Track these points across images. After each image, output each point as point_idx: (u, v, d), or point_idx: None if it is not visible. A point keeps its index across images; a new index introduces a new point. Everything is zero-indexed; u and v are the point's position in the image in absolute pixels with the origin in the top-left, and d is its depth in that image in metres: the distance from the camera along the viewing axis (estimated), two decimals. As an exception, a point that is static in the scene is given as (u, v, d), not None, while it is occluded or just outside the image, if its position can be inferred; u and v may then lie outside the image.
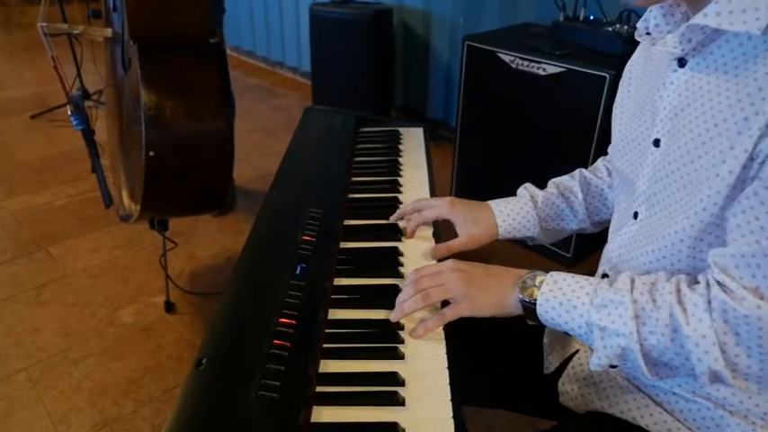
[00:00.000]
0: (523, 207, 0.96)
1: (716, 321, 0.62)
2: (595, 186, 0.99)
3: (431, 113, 3.25)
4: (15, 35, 6.09)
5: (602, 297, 0.69)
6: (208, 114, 1.54)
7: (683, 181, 0.68)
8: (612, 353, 0.67)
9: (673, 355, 0.65)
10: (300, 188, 1.08)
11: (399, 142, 1.31)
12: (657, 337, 0.65)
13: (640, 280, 0.69)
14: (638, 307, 0.66)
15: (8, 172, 2.93)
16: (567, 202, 0.98)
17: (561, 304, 0.71)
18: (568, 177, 1.01)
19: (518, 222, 0.95)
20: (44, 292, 2.06)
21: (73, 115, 1.66)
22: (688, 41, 0.66)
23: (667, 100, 0.71)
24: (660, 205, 0.72)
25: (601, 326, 0.68)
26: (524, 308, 0.74)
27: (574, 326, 0.71)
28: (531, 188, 0.99)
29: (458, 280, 0.77)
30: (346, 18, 2.99)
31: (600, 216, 1.00)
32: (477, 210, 0.96)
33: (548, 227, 0.98)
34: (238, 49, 4.64)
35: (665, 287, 0.67)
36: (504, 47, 2.07)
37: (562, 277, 0.73)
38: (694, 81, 0.68)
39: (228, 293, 0.78)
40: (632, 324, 0.65)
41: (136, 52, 1.44)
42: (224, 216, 2.51)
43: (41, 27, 1.58)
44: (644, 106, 0.78)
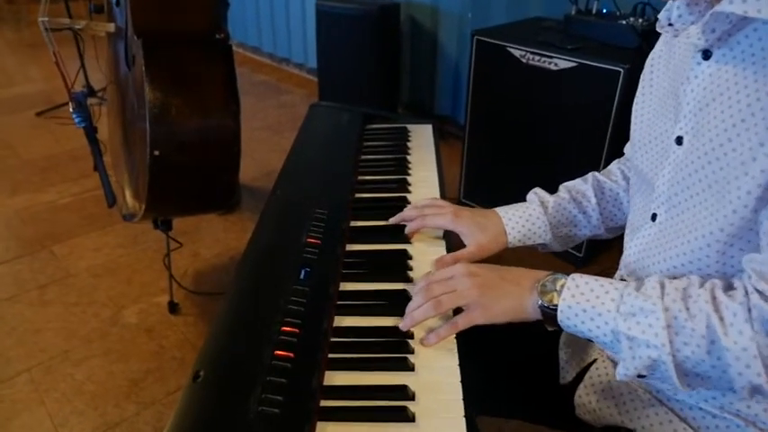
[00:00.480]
0: (533, 213, 0.91)
1: (758, 333, 0.57)
2: (609, 190, 0.94)
3: (438, 110, 3.20)
4: (23, 32, 6.09)
5: (631, 304, 0.64)
6: (214, 112, 1.50)
7: (707, 181, 0.64)
8: (642, 364, 0.63)
9: (708, 368, 0.60)
10: (305, 188, 1.04)
11: (408, 139, 1.27)
12: (692, 349, 0.60)
13: (671, 285, 0.64)
14: (671, 316, 0.61)
15: (12, 170, 2.90)
16: (579, 208, 0.93)
17: (585, 311, 0.66)
18: (581, 181, 0.96)
19: (528, 229, 0.91)
20: (47, 291, 2.03)
21: (75, 112, 1.63)
22: (712, 31, 0.62)
23: (691, 95, 0.67)
24: (682, 206, 0.68)
25: (629, 335, 0.63)
26: (544, 314, 0.70)
27: (598, 334, 0.66)
28: (541, 193, 0.94)
29: (471, 286, 0.72)
30: (353, 13, 2.94)
31: (615, 221, 0.95)
32: (483, 218, 0.91)
33: (560, 233, 0.93)
34: (244, 45, 4.60)
35: (699, 294, 0.62)
36: (515, 41, 2.02)
37: (584, 281, 0.68)
38: (720, 74, 0.63)
39: (228, 300, 0.74)
40: (664, 335, 0.61)
41: (140, 48, 1.41)
42: (228, 215, 2.48)
43: (42, 22, 1.55)
44: (666, 102, 0.73)
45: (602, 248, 2.15)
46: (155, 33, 1.45)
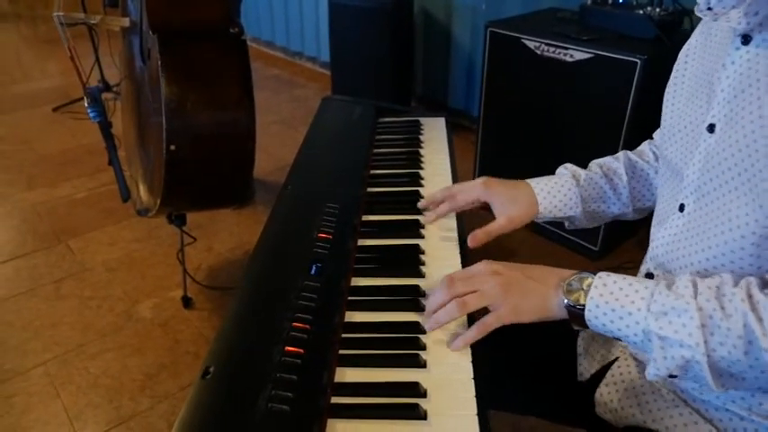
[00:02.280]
0: (565, 184, 0.90)
1: None
2: (641, 170, 0.93)
3: (452, 103, 3.18)
4: (39, 27, 6.15)
5: (662, 303, 0.62)
6: (229, 106, 1.50)
7: (738, 169, 0.62)
8: (674, 364, 0.61)
9: (745, 368, 0.58)
10: (316, 182, 1.03)
11: (420, 133, 1.25)
12: (728, 349, 0.58)
13: (704, 284, 0.62)
14: (705, 315, 0.59)
15: (29, 164, 2.93)
16: (611, 184, 0.92)
17: (614, 310, 0.64)
18: (612, 159, 0.94)
19: (559, 200, 0.89)
20: (63, 285, 2.05)
21: (90, 107, 1.64)
22: (755, 14, 0.60)
23: (726, 81, 0.65)
24: (711, 196, 0.66)
25: (661, 335, 0.61)
26: (570, 313, 0.68)
27: (628, 333, 0.64)
28: (572, 167, 0.93)
29: (496, 285, 0.70)
30: (366, 6, 2.92)
31: (643, 202, 0.93)
32: (514, 188, 0.90)
33: (589, 208, 0.92)
34: (258, 40, 4.60)
35: (734, 293, 0.59)
36: (529, 33, 1.99)
37: (612, 279, 0.66)
38: (759, 59, 0.61)
39: (239, 296, 0.73)
40: (699, 334, 0.58)
41: (156, 43, 1.41)
42: (242, 209, 2.48)
43: (57, 17, 1.55)
44: (699, 90, 0.71)
45: (618, 242, 2.13)
46: (170, 28, 1.45)
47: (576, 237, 2.10)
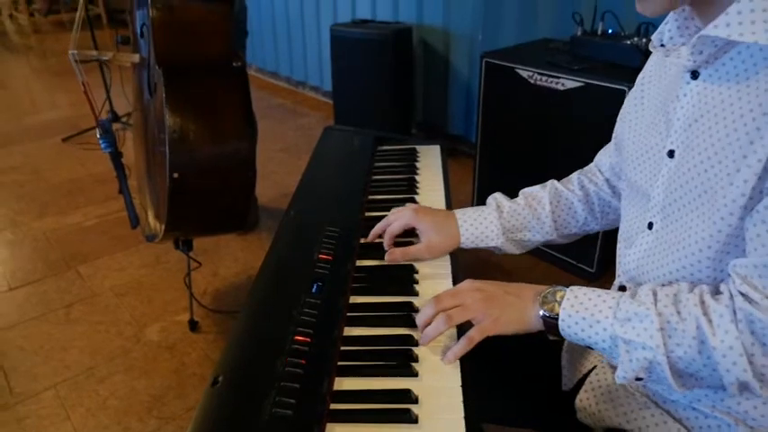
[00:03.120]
0: (487, 217, 0.97)
1: (743, 332, 0.61)
2: (565, 199, 0.99)
3: (451, 129, 3.26)
4: (48, 60, 6.30)
5: (626, 310, 0.68)
6: (230, 136, 1.57)
7: (697, 191, 0.68)
8: (639, 366, 0.67)
9: (700, 367, 0.64)
10: (318, 207, 1.10)
11: (416, 160, 1.32)
12: (684, 349, 0.64)
13: (663, 292, 0.68)
14: (664, 320, 0.66)
15: (40, 193, 3.01)
16: (533, 214, 0.98)
17: (584, 319, 0.71)
18: (539, 188, 1.01)
19: (481, 232, 0.96)
20: (73, 310, 2.11)
21: (101, 138, 1.71)
22: (700, 53, 0.67)
23: (681, 111, 0.72)
24: (676, 215, 0.72)
25: (626, 339, 0.67)
26: (546, 323, 0.74)
27: (598, 340, 0.70)
28: (500, 198, 1.00)
29: (478, 300, 0.77)
30: (366, 38, 3.03)
31: (568, 229, 1.00)
32: (441, 218, 0.97)
33: (514, 237, 0.98)
34: (262, 71, 4.73)
35: (688, 299, 0.66)
36: (523, 63, 2.07)
37: (583, 291, 0.73)
38: (707, 92, 0.68)
39: (245, 311, 0.79)
40: (658, 337, 0.65)
41: (161, 76, 1.49)
42: (247, 235, 2.54)
43: (72, 54, 1.64)
44: (658, 118, 0.78)
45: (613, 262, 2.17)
46: (175, 63, 1.53)
47: (572, 258, 2.16)
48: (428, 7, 3.14)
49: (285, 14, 4.26)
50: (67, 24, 7.95)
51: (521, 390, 0.97)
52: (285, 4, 4.22)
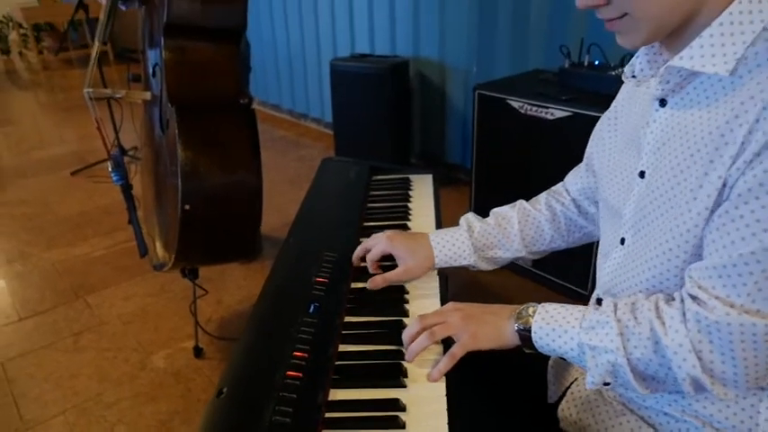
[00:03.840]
0: (459, 237, 1.03)
1: (691, 330, 0.68)
2: (533, 218, 1.06)
3: (449, 158, 3.35)
4: (57, 96, 6.46)
5: (590, 319, 0.76)
6: (239, 170, 1.65)
7: (665, 206, 0.75)
8: (604, 369, 0.74)
9: (657, 367, 0.71)
10: (316, 234, 1.17)
11: (410, 188, 1.39)
12: (642, 351, 0.71)
13: (622, 302, 0.76)
14: (622, 325, 0.73)
15: (49, 225, 3.10)
16: (503, 233, 1.05)
17: (554, 330, 0.78)
18: (509, 207, 1.09)
19: (454, 252, 1.02)
20: (81, 339, 2.17)
21: (113, 171, 1.79)
22: (667, 83, 0.74)
23: (651, 136, 0.79)
24: (645, 230, 0.78)
25: (591, 345, 0.74)
26: (521, 337, 0.81)
27: (567, 349, 0.77)
28: (471, 218, 1.07)
29: (458, 318, 0.84)
30: (365, 71, 3.14)
31: (537, 246, 1.06)
32: (415, 242, 1.03)
33: (485, 255, 1.05)
34: (265, 103, 4.85)
35: (644, 305, 0.73)
36: (514, 94, 2.16)
37: (553, 307, 0.80)
38: (674, 118, 0.75)
39: (248, 329, 0.86)
40: (618, 340, 0.72)
41: (174, 114, 1.57)
42: (250, 263, 2.61)
43: (87, 93, 1.72)
44: (630, 143, 0.85)
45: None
46: (186, 101, 1.62)
47: (565, 281, 2.21)
48: (424, 41, 3.26)
49: (287, 49, 4.40)
50: (75, 61, 8.16)
51: (507, 403, 1.02)
52: (287, 39, 4.36)
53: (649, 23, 0.69)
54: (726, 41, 0.67)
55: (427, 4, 3.15)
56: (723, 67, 0.67)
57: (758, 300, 0.64)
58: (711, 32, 0.68)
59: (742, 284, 0.65)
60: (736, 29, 0.66)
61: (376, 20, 3.50)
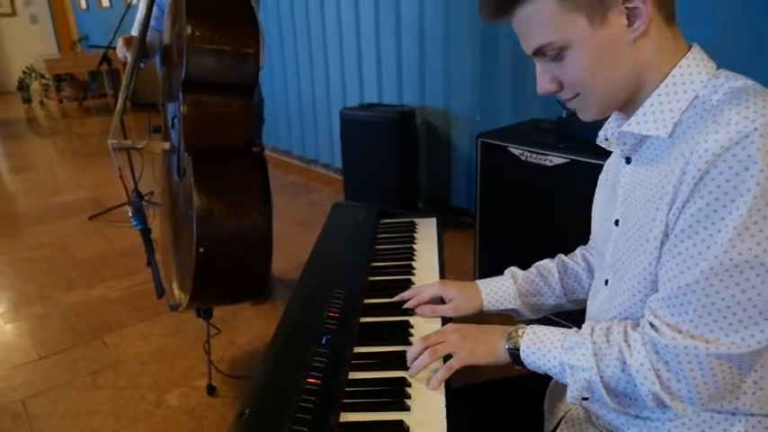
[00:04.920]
0: (505, 283, 1.14)
1: (649, 353, 0.77)
2: (572, 269, 1.16)
3: (454, 202, 3.46)
4: (75, 143, 6.69)
5: (570, 341, 0.85)
6: (250, 215, 1.76)
7: (631, 249, 0.85)
8: (581, 385, 0.82)
9: (625, 384, 0.80)
10: (327, 272, 1.26)
11: (415, 231, 1.49)
12: (612, 369, 0.80)
13: (599, 326, 0.86)
14: (597, 347, 0.82)
15: (68, 268, 3.21)
16: (544, 281, 1.15)
17: (539, 349, 0.87)
18: (549, 260, 1.18)
19: (501, 296, 1.13)
20: (99, 377, 2.24)
21: (133, 216, 1.89)
22: (624, 144, 0.85)
23: (621, 189, 0.89)
24: (621, 271, 0.88)
25: (570, 364, 0.83)
26: (511, 355, 0.91)
27: (550, 366, 0.86)
28: (514, 269, 1.18)
29: (457, 337, 0.94)
30: (374, 120, 3.28)
31: (575, 295, 1.15)
32: (465, 287, 1.15)
33: (528, 302, 1.14)
34: (276, 150, 5.01)
35: (615, 329, 0.83)
36: (514, 142, 2.28)
37: (540, 329, 0.90)
38: (636, 173, 0.86)
39: (267, 357, 0.94)
40: (592, 360, 0.81)
41: (190, 162, 1.69)
42: (262, 304, 2.69)
43: (111, 143, 1.85)
44: (611, 196, 0.95)
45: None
46: (202, 150, 1.74)
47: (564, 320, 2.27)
48: (430, 91, 3.41)
49: (298, 98, 4.59)
50: (93, 110, 8.44)
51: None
52: (298, 88, 4.55)
53: (598, 101, 0.82)
54: (664, 108, 0.78)
55: (433, 56, 3.32)
56: (663, 129, 0.79)
57: (700, 325, 0.73)
58: (652, 102, 0.80)
59: (685, 312, 0.74)
60: (672, 98, 0.78)
61: (384, 71, 3.68)
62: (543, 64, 0.82)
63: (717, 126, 0.71)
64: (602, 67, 0.78)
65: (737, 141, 0.68)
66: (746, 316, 0.71)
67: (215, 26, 1.71)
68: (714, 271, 0.71)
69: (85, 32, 9.74)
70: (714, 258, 0.70)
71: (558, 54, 0.79)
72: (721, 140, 0.69)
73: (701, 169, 0.70)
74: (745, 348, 0.71)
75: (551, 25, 0.76)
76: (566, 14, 0.75)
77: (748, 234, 0.68)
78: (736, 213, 0.68)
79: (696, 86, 0.77)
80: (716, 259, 0.70)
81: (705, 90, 0.77)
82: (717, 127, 0.71)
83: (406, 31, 3.44)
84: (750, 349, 0.71)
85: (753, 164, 0.67)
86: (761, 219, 0.68)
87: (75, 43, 9.98)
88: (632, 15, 0.76)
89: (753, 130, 0.68)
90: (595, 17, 0.75)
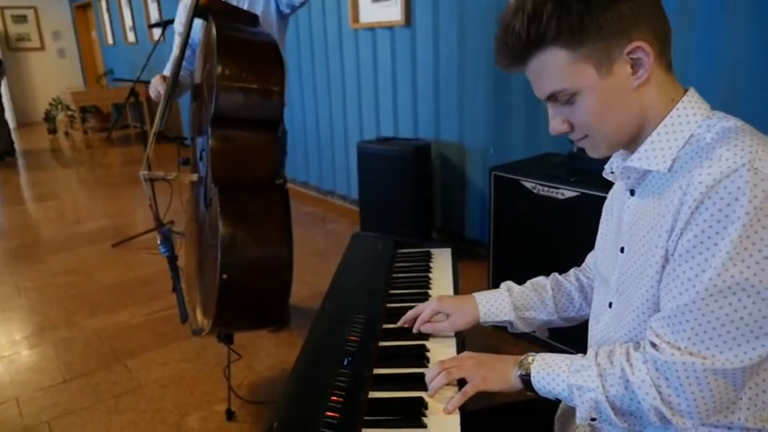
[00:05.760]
0: (501, 296, 1.21)
1: (650, 370, 0.83)
2: (565, 288, 1.23)
3: (468, 234, 3.52)
4: (96, 173, 6.87)
5: (577, 364, 0.91)
6: (272, 244, 1.84)
7: (636, 274, 0.91)
8: (588, 406, 0.88)
9: (629, 401, 0.85)
10: (348, 299, 1.33)
11: (430, 261, 1.56)
12: (616, 388, 0.86)
13: (602, 350, 0.92)
14: (601, 368, 0.88)
15: (91, 294, 3.30)
16: (538, 296, 1.22)
17: (548, 374, 0.93)
18: (543, 277, 1.26)
19: (496, 308, 1.20)
20: (121, 401, 2.30)
21: (161, 244, 1.98)
22: (627, 178, 0.93)
23: (626, 219, 0.97)
24: (625, 295, 0.95)
25: (577, 385, 0.89)
26: (523, 381, 0.96)
27: (559, 390, 0.92)
28: (510, 283, 1.25)
29: (472, 363, 1.00)
30: (390, 153, 3.38)
31: (567, 312, 1.22)
32: (461, 301, 1.23)
33: (522, 315, 1.21)
34: (293, 180, 5.13)
35: (618, 351, 0.90)
36: (527, 175, 2.36)
37: (548, 355, 0.96)
38: (639, 205, 0.93)
39: (292, 376, 1.01)
40: (597, 381, 0.87)
41: (217, 193, 1.78)
42: (280, 332, 2.76)
43: (143, 175, 1.96)
44: (617, 224, 1.02)
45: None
46: (229, 181, 1.83)
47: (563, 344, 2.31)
48: (445, 125, 3.52)
49: (316, 131, 4.72)
50: (116, 141, 8.68)
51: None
52: (316, 122, 4.68)
53: (605, 141, 0.90)
54: (664, 146, 0.86)
55: (447, 92, 3.43)
56: (663, 165, 0.86)
57: (697, 343, 0.79)
58: (653, 140, 0.88)
59: (683, 330, 0.80)
60: (671, 137, 0.86)
61: (400, 105, 3.80)
62: (555, 107, 0.90)
63: (710, 161, 0.79)
64: (610, 111, 0.86)
65: (728, 175, 0.76)
66: (739, 334, 0.77)
67: (244, 67, 1.82)
68: (709, 292, 0.77)
69: (111, 66, 10.07)
70: (709, 280, 0.77)
71: (570, 99, 0.87)
72: (714, 174, 0.77)
73: (697, 200, 0.78)
74: (738, 364, 0.78)
75: (563, 74, 0.85)
76: (576, 65, 0.84)
77: (739, 258, 0.75)
78: (727, 239, 0.75)
79: (692, 126, 0.85)
80: (710, 281, 0.77)
81: (700, 129, 0.85)
82: (710, 162, 0.79)
83: (421, 68, 3.57)
84: (742, 365, 0.78)
85: (742, 195, 0.74)
86: (750, 245, 0.74)
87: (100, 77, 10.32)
88: (636, 65, 0.84)
89: (741, 165, 0.75)
90: (602, 67, 0.83)
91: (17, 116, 10.61)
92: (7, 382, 2.48)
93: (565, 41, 0.82)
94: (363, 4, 3.89)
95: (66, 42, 11.51)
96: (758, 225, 0.74)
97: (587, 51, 0.83)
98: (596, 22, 0.81)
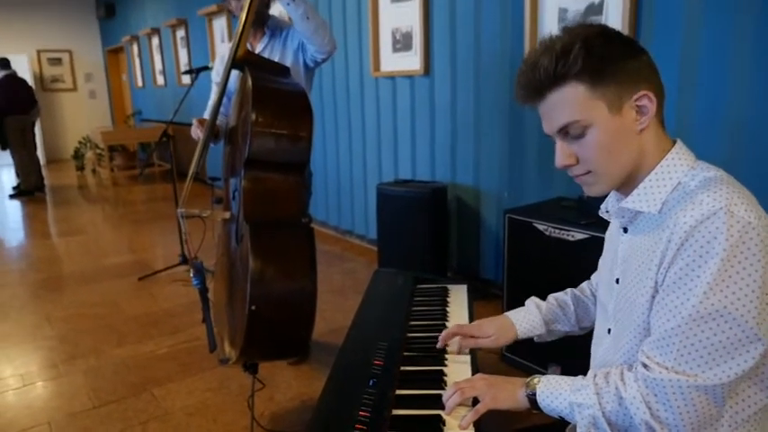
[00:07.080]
0: (533, 313, 1.36)
1: (641, 387, 0.94)
2: (582, 301, 1.37)
3: (483, 273, 3.62)
4: (120, 209, 7.08)
5: (577, 384, 1.02)
6: (298, 278, 1.97)
7: (629, 303, 1.03)
8: (587, 421, 0.98)
9: (623, 417, 0.95)
10: (372, 328, 1.45)
11: (447, 296, 1.68)
12: (611, 405, 0.96)
13: (600, 372, 1.02)
14: (598, 387, 0.99)
15: (119, 324, 3.44)
16: (563, 311, 1.36)
17: (552, 393, 1.04)
18: (562, 294, 1.40)
19: (530, 325, 1.35)
20: (148, 428, 2.40)
21: (194, 276, 2.12)
22: (621, 217, 1.05)
23: (620, 253, 1.09)
24: (621, 322, 1.07)
25: (577, 402, 1.00)
26: (529, 400, 1.07)
27: (562, 408, 1.02)
28: (536, 300, 1.40)
29: (483, 384, 1.11)
30: (408, 195, 3.52)
31: (585, 323, 1.36)
32: (498, 321, 1.37)
33: (550, 328, 1.36)
34: (313, 220, 5.28)
35: (613, 372, 1.00)
36: (539, 218, 2.48)
37: (553, 377, 1.07)
38: (632, 241, 1.06)
39: (325, 394, 1.12)
40: (595, 398, 0.98)
41: (248, 230, 1.92)
42: (300, 365, 2.86)
43: (180, 212, 2.11)
44: (613, 258, 1.14)
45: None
46: (259, 219, 1.98)
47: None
48: (461, 169, 3.67)
49: (336, 173, 4.89)
50: (140, 178, 8.95)
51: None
52: (337, 164, 4.86)
53: (606, 177, 1.01)
54: (655, 191, 0.99)
55: (464, 137, 3.59)
56: (654, 207, 0.99)
57: (682, 363, 0.90)
58: (645, 185, 1.00)
59: (670, 352, 0.91)
60: (661, 182, 0.99)
61: (418, 150, 3.96)
62: (564, 141, 1.02)
63: (693, 205, 0.92)
64: (616, 146, 0.99)
65: (708, 217, 0.88)
66: (718, 355, 0.88)
67: (276, 114, 1.99)
68: (692, 317, 0.89)
69: (139, 107, 10.46)
70: (692, 307, 0.89)
71: (581, 132, 0.99)
72: (696, 216, 0.90)
73: (682, 238, 0.90)
74: (718, 381, 0.89)
75: (579, 107, 0.97)
76: (591, 100, 0.96)
77: (718, 288, 0.87)
78: (708, 272, 0.87)
79: (680, 174, 0.99)
80: (693, 308, 0.89)
81: (686, 178, 0.98)
82: (693, 206, 0.92)
83: (439, 114, 3.74)
84: (721, 381, 0.89)
85: (720, 234, 0.87)
86: (727, 277, 0.87)
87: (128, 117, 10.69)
88: (640, 112, 0.98)
89: (719, 209, 0.88)
90: (613, 106, 0.97)
91: (47, 153, 11.02)
92: (40, 406, 2.59)
93: (586, 78, 0.95)
94: (384, 53, 4.11)
95: (97, 84, 12.00)
96: (734, 260, 0.86)
97: (603, 90, 0.96)
98: (615, 67, 0.95)
